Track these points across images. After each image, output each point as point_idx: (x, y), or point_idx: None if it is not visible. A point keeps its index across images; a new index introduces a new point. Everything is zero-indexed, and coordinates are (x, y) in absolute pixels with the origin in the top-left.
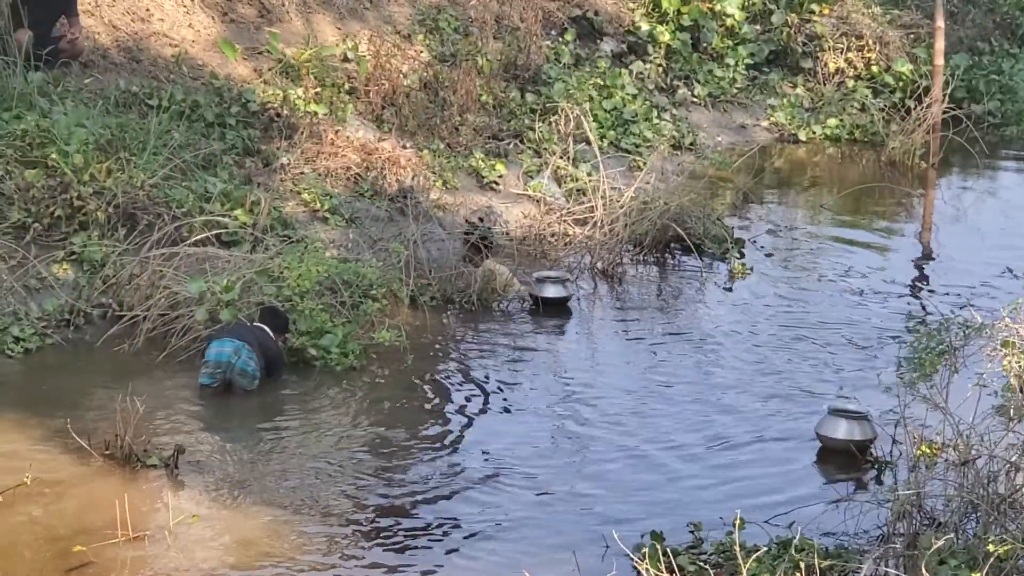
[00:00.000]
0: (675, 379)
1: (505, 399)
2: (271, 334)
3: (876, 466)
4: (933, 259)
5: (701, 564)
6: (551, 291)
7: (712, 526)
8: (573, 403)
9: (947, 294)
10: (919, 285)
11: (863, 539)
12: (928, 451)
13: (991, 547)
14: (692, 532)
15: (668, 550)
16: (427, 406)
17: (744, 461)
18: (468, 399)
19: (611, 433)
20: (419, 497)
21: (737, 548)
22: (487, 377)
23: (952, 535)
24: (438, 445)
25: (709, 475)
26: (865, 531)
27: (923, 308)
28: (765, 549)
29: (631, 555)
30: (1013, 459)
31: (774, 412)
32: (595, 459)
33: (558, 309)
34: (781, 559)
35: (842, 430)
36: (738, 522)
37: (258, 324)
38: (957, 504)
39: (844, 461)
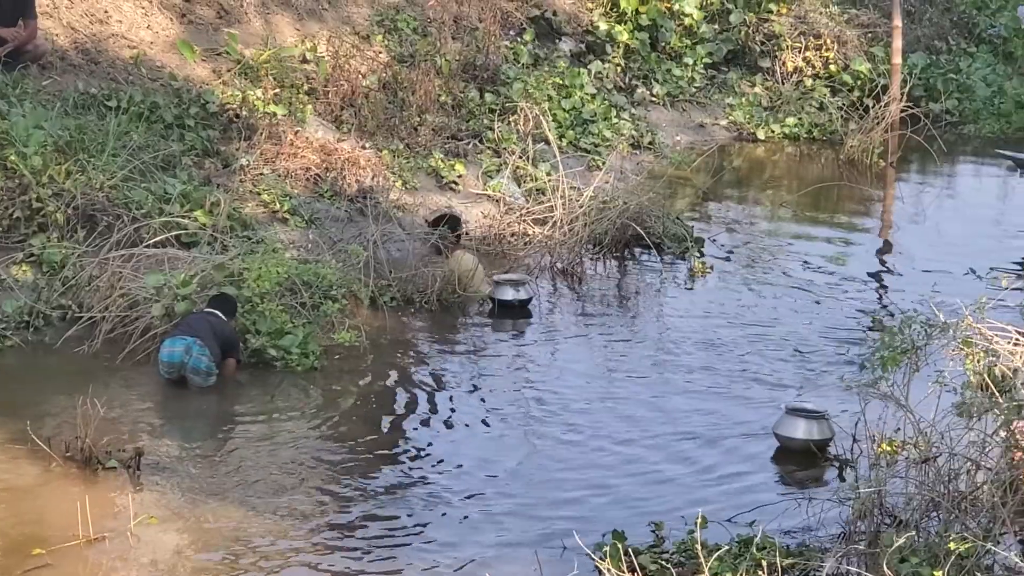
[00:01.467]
0: (635, 379)
1: (465, 400)
2: (223, 318)
3: (837, 464)
4: (892, 257)
5: (663, 563)
6: (509, 294)
7: (673, 525)
8: (533, 403)
9: (906, 292)
10: (879, 283)
11: (825, 537)
12: (889, 449)
13: (952, 545)
14: (653, 531)
15: (629, 549)
16: (388, 408)
17: (705, 460)
18: (428, 401)
19: (571, 433)
20: (380, 499)
21: (699, 547)
22: (447, 378)
23: (913, 533)
24: (398, 447)
25: (670, 474)
26: (827, 529)
27: (883, 306)
28: (727, 548)
29: (592, 555)
30: (974, 456)
31: (735, 411)
32: (555, 459)
33: (518, 311)
34: (743, 558)
35: (801, 430)
36: (699, 521)
37: (209, 310)
38: (918, 502)
39: (805, 460)
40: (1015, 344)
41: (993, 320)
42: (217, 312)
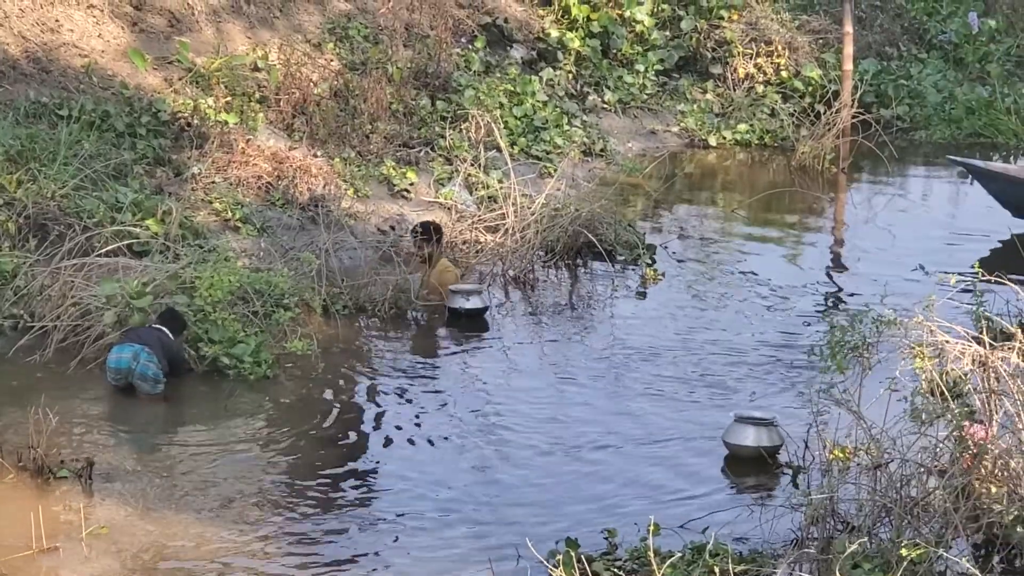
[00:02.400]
0: (587, 386)
1: (416, 410)
2: (170, 335)
3: (790, 471)
4: (844, 263)
5: (616, 570)
6: (458, 303)
7: (626, 532)
8: (485, 412)
9: (857, 297)
10: (830, 288)
11: (777, 543)
12: (841, 455)
13: (904, 551)
14: (606, 539)
15: (583, 556)
16: (339, 418)
17: (658, 466)
18: (379, 411)
19: (523, 441)
20: (332, 507)
21: (651, 554)
22: (398, 388)
23: (866, 539)
24: (350, 458)
25: (623, 481)
26: (779, 536)
27: (834, 311)
28: (679, 555)
29: (545, 562)
30: (926, 462)
31: (688, 417)
32: (508, 467)
33: (472, 321)
34: (695, 564)
35: (750, 437)
36: (652, 528)
37: (157, 325)
38: (870, 508)
39: (758, 466)
40: (965, 345)
41: (941, 320)
42: (164, 329)
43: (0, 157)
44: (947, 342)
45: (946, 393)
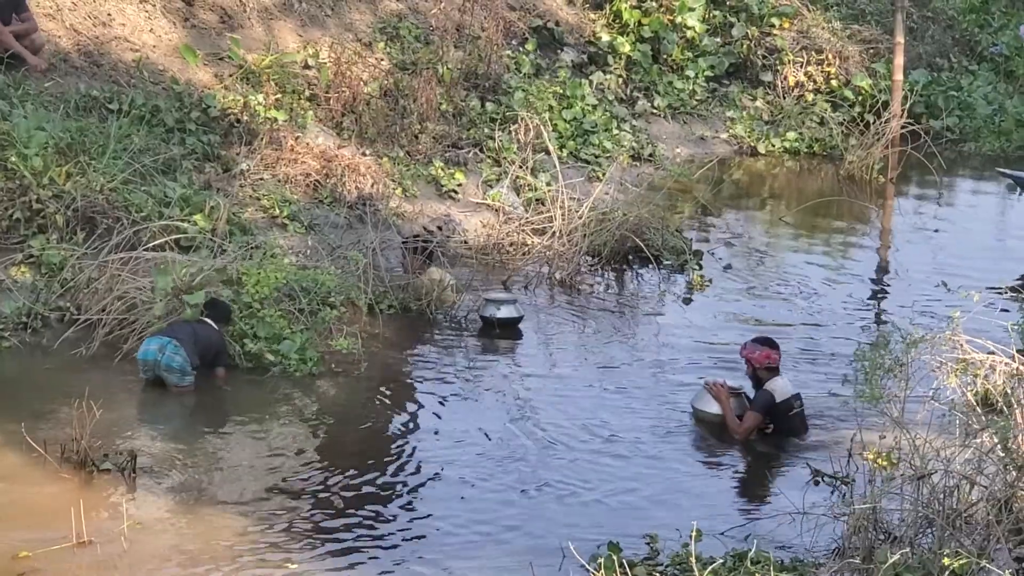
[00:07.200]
0: (632, 391)
1: (459, 411)
2: (213, 324)
3: (833, 480)
4: (890, 273)
5: (658, 575)
6: (498, 311)
7: (668, 538)
8: (528, 413)
9: (903, 308)
10: (875, 298)
11: (819, 552)
12: (884, 464)
13: (947, 561)
14: (648, 544)
15: (624, 561)
16: (383, 416)
17: (699, 473)
18: (423, 411)
19: (566, 444)
20: (374, 508)
21: (693, 560)
22: (443, 388)
23: (908, 549)
24: (392, 457)
25: (665, 487)
26: (821, 545)
27: (878, 321)
28: (721, 561)
29: (587, 566)
30: (969, 474)
31: None
32: (550, 470)
33: (505, 330)
34: (737, 571)
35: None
36: (694, 534)
37: (199, 317)
38: (913, 518)
39: (800, 475)
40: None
41: (970, 335)
42: (206, 320)
43: (50, 149)
44: (992, 354)
45: (977, 408)
